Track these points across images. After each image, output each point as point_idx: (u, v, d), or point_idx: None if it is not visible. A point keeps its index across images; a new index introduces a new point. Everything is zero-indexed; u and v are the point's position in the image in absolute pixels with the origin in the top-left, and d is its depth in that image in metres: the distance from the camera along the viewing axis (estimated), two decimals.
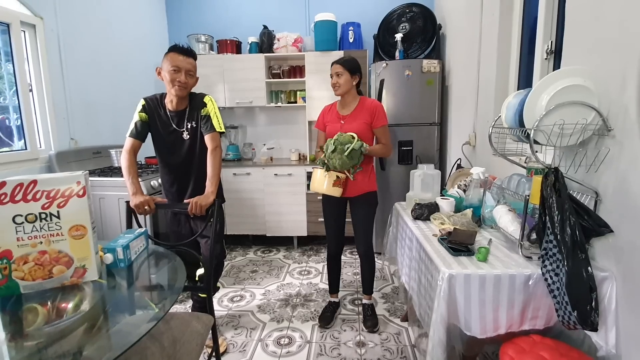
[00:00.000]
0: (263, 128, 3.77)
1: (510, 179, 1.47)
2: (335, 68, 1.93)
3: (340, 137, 1.83)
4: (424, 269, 1.43)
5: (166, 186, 1.91)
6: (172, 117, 1.80)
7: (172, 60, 1.68)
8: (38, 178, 0.98)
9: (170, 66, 1.68)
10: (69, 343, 0.82)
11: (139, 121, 1.77)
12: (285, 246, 3.45)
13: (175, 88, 1.70)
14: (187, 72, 1.70)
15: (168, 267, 1.25)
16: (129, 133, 1.75)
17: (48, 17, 2.28)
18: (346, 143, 1.80)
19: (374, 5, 3.44)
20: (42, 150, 2.28)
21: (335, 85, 1.94)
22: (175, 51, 1.70)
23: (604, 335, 1.12)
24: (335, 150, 1.80)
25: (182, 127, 1.80)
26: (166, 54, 1.72)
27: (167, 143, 1.82)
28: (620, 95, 1.10)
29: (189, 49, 1.73)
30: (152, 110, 1.79)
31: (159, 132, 1.81)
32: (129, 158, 1.72)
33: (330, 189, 1.88)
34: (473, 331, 1.19)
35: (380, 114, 1.96)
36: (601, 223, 1.11)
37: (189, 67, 1.72)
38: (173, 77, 1.68)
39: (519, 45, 1.99)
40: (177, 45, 1.72)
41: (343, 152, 1.79)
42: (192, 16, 3.67)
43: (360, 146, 1.83)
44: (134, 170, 1.70)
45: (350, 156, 1.80)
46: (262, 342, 1.97)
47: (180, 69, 1.69)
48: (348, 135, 1.84)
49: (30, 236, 0.98)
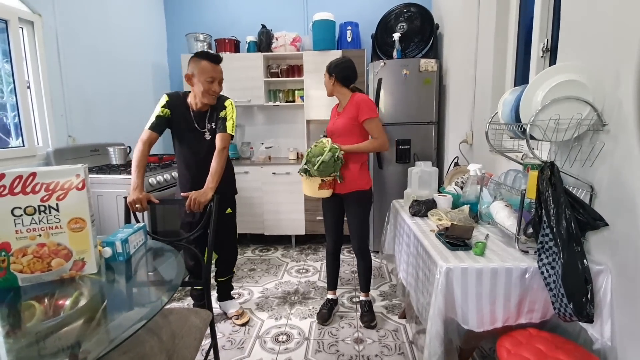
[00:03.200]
0: (261, 127, 3.77)
1: (507, 175, 1.49)
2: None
3: (314, 148, 1.86)
4: (421, 264, 1.44)
5: (182, 181, 1.98)
6: (194, 116, 1.86)
7: (207, 71, 1.74)
8: (37, 170, 0.98)
9: (206, 76, 1.74)
10: (67, 336, 0.81)
11: (160, 116, 1.81)
12: (283, 245, 3.45)
13: (211, 97, 1.80)
14: (220, 81, 1.80)
15: (166, 261, 1.25)
16: (148, 125, 1.80)
17: (46, 14, 2.28)
18: (317, 155, 1.83)
19: (371, 4, 3.46)
20: (40, 147, 2.28)
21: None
22: (209, 60, 1.75)
23: (599, 328, 1.14)
24: (310, 162, 1.84)
25: (203, 128, 1.88)
26: (196, 60, 1.75)
27: (188, 141, 1.89)
28: (614, 90, 1.12)
29: (220, 57, 1.79)
30: (175, 108, 1.85)
31: (180, 129, 1.88)
32: (143, 150, 1.75)
33: (317, 192, 1.92)
34: (470, 324, 1.20)
35: (363, 107, 1.89)
36: (596, 216, 1.12)
37: (221, 76, 1.81)
38: (208, 87, 1.76)
39: (515, 44, 2.01)
40: (209, 53, 1.77)
41: (313, 165, 1.82)
42: (191, 15, 3.68)
43: (331, 157, 1.82)
44: (143, 165, 1.72)
45: (320, 169, 1.82)
46: (260, 339, 1.97)
47: (215, 80, 1.76)
48: (320, 147, 1.86)
49: (29, 228, 0.98)
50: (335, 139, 1.96)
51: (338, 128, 1.97)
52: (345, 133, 1.95)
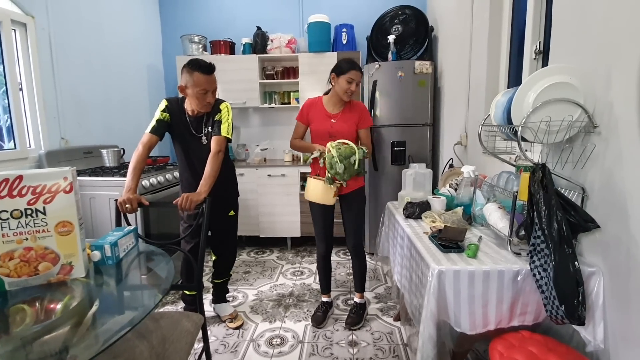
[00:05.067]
0: (257, 129, 3.77)
1: (500, 176, 1.49)
2: (357, 75, 1.87)
3: (340, 150, 1.82)
4: (415, 267, 1.43)
5: (184, 184, 2.00)
6: (191, 122, 1.87)
7: (200, 83, 1.72)
8: (24, 173, 0.97)
9: (199, 89, 1.73)
10: (55, 341, 0.80)
11: (161, 119, 1.83)
12: (278, 247, 3.44)
13: (205, 108, 1.79)
14: (213, 91, 1.78)
15: (158, 265, 1.24)
16: (149, 129, 1.80)
17: (39, 16, 2.27)
18: (350, 155, 1.82)
19: (367, 7, 3.47)
20: (32, 149, 2.26)
21: (352, 92, 1.90)
22: (200, 71, 1.72)
23: (592, 330, 1.13)
24: (345, 166, 1.81)
25: (200, 133, 1.89)
26: (189, 71, 1.73)
27: (187, 145, 1.91)
28: (605, 92, 1.12)
29: (212, 66, 1.76)
30: (174, 112, 1.86)
31: (178, 134, 1.90)
32: (142, 153, 1.75)
33: (330, 199, 1.90)
34: (463, 327, 1.20)
35: (367, 116, 2.01)
36: (588, 218, 1.12)
37: (214, 86, 1.79)
38: (201, 98, 1.75)
39: (508, 46, 2.02)
40: (201, 63, 1.73)
41: (352, 165, 1.81)
42: (186, 16, 3.67)
43: (362, 154, 1.85)
44: (139, 168, 1.72)
45: (359, 168, 1.85)
46: (254, 342, 1.95)
47: (208, 91, 1.75)
48: (346, 148, 1.83)
49: (15, 232, 0.96)
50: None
51: (341, 131, 1.94)
52: (347, 137, 1.92)
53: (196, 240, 1.94)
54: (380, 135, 2.99)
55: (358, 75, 1.88)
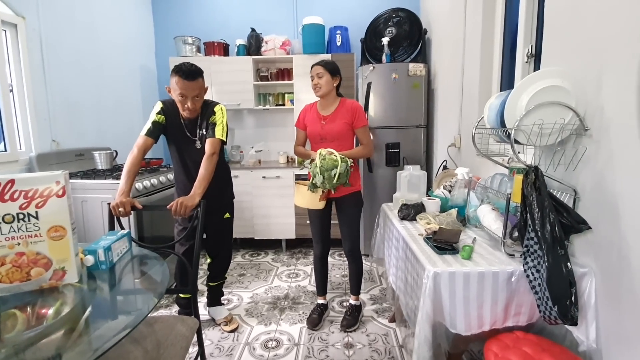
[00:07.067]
0: (251, 130, 3.76)
1: (493, 178, 1.50)
2: (315, 69, 1.95)
3: (325, 162, 1.78)
4: (410, 268, 1.44)
5: (180, 186, 1.99)
6: (185, 125, 1.86)
7: (177, 87, 1.70)
8: (16, 177, 0.95)
9: (176, 93, 1.71)
10: (47, 348, 0.79)
11: (156, 122, 1.81)
12: (273, 249, 3.43)
13: (186, 113, 1.77)
14: (193, 98, 1.74)
15: (152, 269, 1.23)
16: (144, 131, 1.78)
17: (30, 17, 2.24)
18: (332, 169, 1.76)
19: (361, 9, 3.48)
20: (22, 152, 2.22)
21: (317, 86, 1.95)
22: (180, 76, 1.68)
23: (584, 330, 1.15)
24: (324, 177, 1.78)
25: (194, 136, 1.87)
26: (172, 73, 1.72)
27: (182, 148, 1.89)
28: (596, 95, 1.14)
29: (194, 71, 1.71)
30: (169, 115, 1.84)
31: (173, 136, 1.88)
32: (137, 156, 1.72)
33: (318, 204, 1.89)
34: (458, 328, 1.21)
35: (360, 115, 1.97)
36: (580, 220, 1.14)
37: (195, 92, 1.74)
38: (181, 102, 1.74)
39: (501, 49, 2.04)
40: (182, 67, 1.69)
41: (331, 179, 1.77)
42: (179, 18, 3.65)
43: (345, 168, 1.78)
44: (134, 171, 1.70)
45: (338, 181, 1.80)
46: (249, 345, 1.94)
47: (187, 97, 1.72)
48: (330, 160, 1.78)
49: (7, 237, 0.95)
50: (327, 144, 1.94)
51: (332, 133, 1.95)
52: (339, 138, 1.94)
53: (191, 243, 1.92)
54: (375, 137, 3.00)
55: (316, 70, 1.94)
